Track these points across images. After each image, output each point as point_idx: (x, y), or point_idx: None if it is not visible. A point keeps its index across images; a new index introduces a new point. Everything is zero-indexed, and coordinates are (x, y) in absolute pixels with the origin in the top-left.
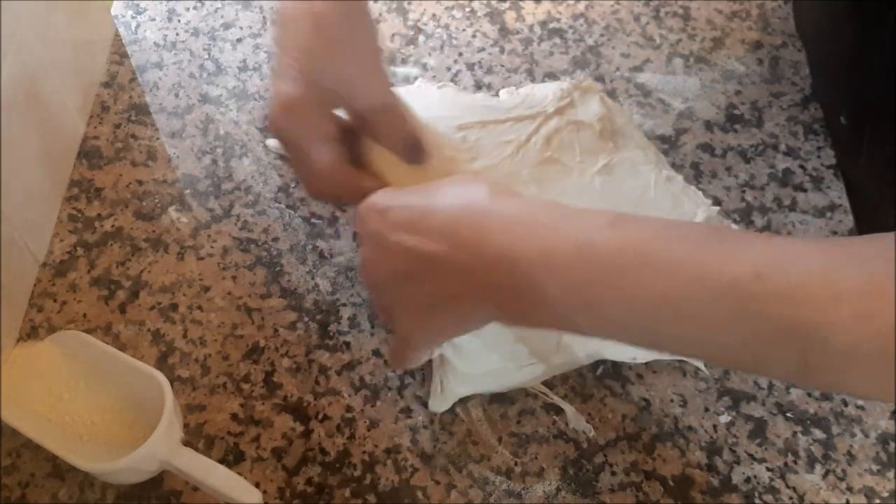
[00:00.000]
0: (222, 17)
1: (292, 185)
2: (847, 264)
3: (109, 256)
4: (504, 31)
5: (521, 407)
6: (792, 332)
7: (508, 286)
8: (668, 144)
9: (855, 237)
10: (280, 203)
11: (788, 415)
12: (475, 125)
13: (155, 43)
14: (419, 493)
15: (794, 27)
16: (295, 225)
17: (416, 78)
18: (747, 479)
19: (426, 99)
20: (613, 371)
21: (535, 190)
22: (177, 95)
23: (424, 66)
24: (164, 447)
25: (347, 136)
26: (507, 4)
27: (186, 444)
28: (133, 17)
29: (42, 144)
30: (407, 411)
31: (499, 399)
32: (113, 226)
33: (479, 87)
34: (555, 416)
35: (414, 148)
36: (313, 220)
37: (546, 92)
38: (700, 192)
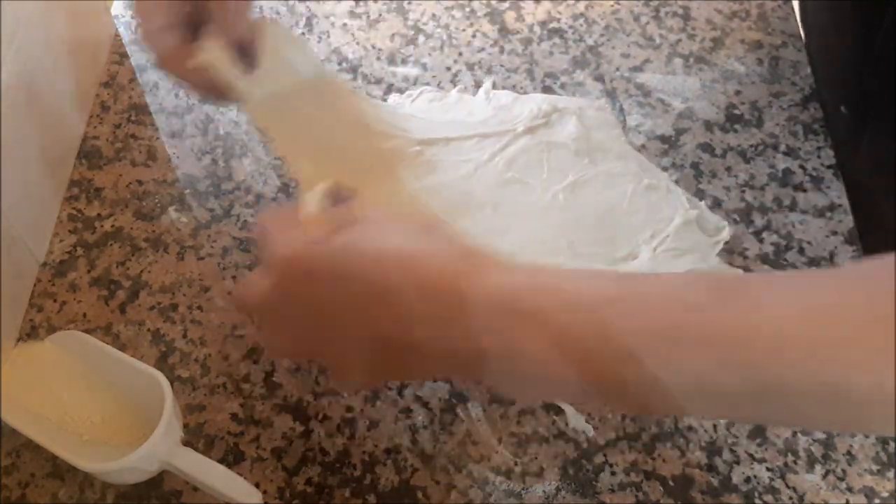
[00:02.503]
0: None
1: (292, 185)
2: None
3: (109, 256)
4: (504, 31)
5: (521, 407)
6: None
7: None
8: (667, 144)
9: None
10: (280, 203)
11: None
12: (438, 141)
13: None
14: (419, 493)
15: (795, 25)
16: None
17: (388, 97)
18: (747, 479)
19: (395, 116)
20: None
21: (491, 211)
22: (177, 95)
23: (424, 66)
24: (164, 447)
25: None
26: (507, 4)
27: (186, 444)
28: (133, 17)
29: (42, 144)
30: (407, 411)
31: (499, 399)
32: (113, 226)
33: (478, 87)
34: (555, 416)
35: (245, 48)
36: None
37: (523, 108)
38: (684, 197)
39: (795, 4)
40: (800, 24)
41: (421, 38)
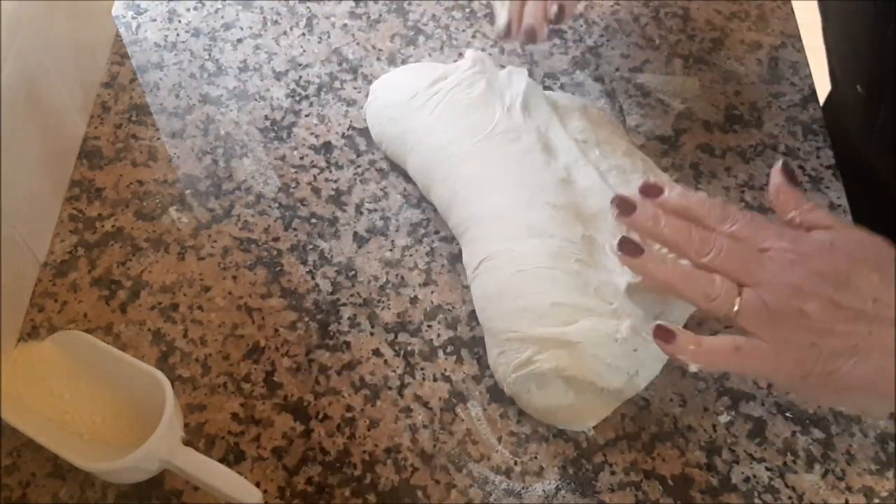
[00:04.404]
0: (223, 17)
1: (292, 186)
2: None
3: (110, 256)
4: None
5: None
6: None
7: None
8: (667, 145)
9: None
10: (280, 203)
11: (788, 414)
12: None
13: (155, 43)
14: (419, 493)
15: (794, 25)
16: (295, 225)
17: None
18: (746, 479)
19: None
20: None
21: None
22: (177, 96)
23: None
24: (164, 446)
25: None
26: None
27: (187, 443)
28: (134, 18)
29: (43, 145)
30: (407, 411)
31: (499, 399)
32: (114, 226)
33: None
34: None
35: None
36: (313, 220)
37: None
38: None
39: (795, 4)
40: (817, 5)
41: (421, 39)
